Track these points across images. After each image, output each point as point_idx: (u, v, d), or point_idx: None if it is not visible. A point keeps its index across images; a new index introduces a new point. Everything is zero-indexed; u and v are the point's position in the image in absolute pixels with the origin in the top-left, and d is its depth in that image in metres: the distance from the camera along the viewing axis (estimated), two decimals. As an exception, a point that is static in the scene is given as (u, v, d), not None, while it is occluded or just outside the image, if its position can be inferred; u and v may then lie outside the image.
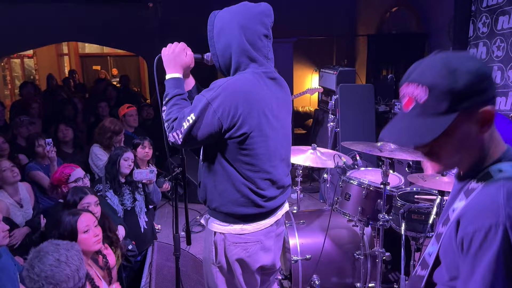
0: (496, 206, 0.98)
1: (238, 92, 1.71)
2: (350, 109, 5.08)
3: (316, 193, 5.50)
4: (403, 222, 2.61)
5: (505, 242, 0.95)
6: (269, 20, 1.83)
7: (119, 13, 7.59)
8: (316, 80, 6.75)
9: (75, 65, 12.10)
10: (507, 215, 0.96)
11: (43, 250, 1.77)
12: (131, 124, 4.89)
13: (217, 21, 1.81)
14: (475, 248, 0.99)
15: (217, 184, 1.85)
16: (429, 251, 1.22)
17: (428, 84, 1.01)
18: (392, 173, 3.20)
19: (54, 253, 1.75)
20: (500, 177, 1.04)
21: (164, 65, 1.87)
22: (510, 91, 4.10)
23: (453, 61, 1.02)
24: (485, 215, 0.99)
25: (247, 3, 1.83)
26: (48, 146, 3.62)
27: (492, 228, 0.96)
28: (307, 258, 2.95)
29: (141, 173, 3.36)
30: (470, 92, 0.99)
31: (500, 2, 4.22)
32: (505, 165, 1.06)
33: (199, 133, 1.71)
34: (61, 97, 6.94)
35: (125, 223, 3.24)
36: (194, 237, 4.37)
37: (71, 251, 1.79)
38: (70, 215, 2.31)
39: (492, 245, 0.96)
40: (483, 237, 0.97)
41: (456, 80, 0.99)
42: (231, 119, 1.70)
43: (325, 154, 3.23)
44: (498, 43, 4.26)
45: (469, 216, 1.03)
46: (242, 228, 1.87)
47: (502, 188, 1.00)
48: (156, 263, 2.96)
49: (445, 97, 1.00)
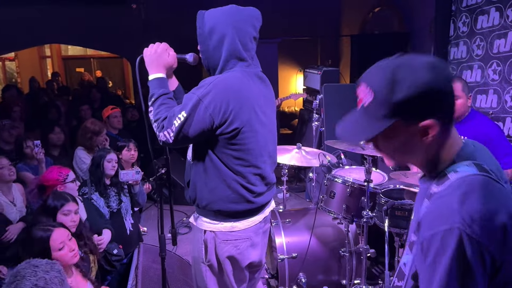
0: (450, 211, 0.98)
1: (228, 89, 1.73)
2: (334, 109, 5.12)
3: (302, 193, 5.54)
4: (386, 218, 2.65)
5: (459, 247, 0.96)
6: (258, 24, 1.88)
7: (102, 15, 7.53)
8: (300, 80, 6.80)
9: (58, 68, 11.95)
10: (460, 220, 0.96)
11: (20, 274, 1.63)
12: (115, 125, 4.85)
13: (207, 20, 1.82)
14: (432, 254, 0.99)
15: (208, 182, 1.86)
16: (404, 261, 1.21)
17: (374, 87, 1.05)
18: (375, 171, 3.24)
19: (31, 277, 1.61)
20: (456, 178, 1.04)
21: (147, 65, 1.87)
22: (490, 89, 4.18)
23: (402, 71, 1.02)
24: (441, 220, 0.99)
25: (236, 6, 1.86)
26: (37, 148, 3.61)
27: (447, 233, 0.97)
28: (293, 256, 2.97)
29: (127, 174, 3.35)
30: (407, 106, 1.01)
31: (479, 2, 4.31)
32: (459, 165, 1.07)
33: (191, 130, 1.72)
34: (43, 100, 6.85)
35: (111, 225, 3.22)
36: (180, 239, 4.40)
37: (50, 273, 1.65)
38: (41, 230, 2.18)
39: (447, 250, 0.96)
40: (439, 242, 0.98)
41: (394, 92, 1.01)
42: (223, 114, 1.72)
43: (310, 153, 3.26)
44: (478, 42, 4.35)
45: (426, 221, 1.03)
46: (233, 225, 1.89)
47: (457, 191, 1.01)
48: (142, 265, 2.95)
49: (383, 105, 1.03)
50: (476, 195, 0.99)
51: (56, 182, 3.00)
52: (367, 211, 2.74)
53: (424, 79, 1.01)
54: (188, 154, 2.04)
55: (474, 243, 0.95)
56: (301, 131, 6.08)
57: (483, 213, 0.96)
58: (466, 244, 0.95)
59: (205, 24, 1.81)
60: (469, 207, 0.97)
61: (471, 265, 0.96)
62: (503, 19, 3.97)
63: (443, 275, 0.97)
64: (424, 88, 1.00)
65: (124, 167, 3.86)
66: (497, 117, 4.01)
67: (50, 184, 3.01)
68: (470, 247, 0.95)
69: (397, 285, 1.22)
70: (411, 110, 1.02)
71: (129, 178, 3.34)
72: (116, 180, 3.39)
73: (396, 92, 1.01)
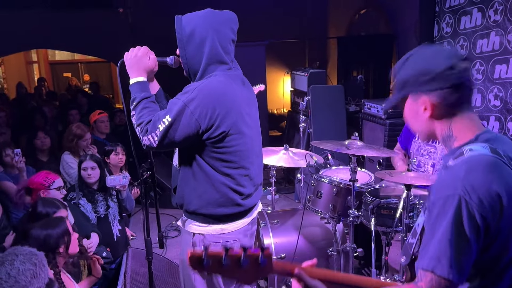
0: (455, 179, 1.13)
1: (214, 94, 1.74)
2: (321, 110, 5.16)
3: (291, 194, 5.56)
4: (372, 217, 2.68)
5: (458, 212, 1.10)
6: (236, 27, 1.89)
7: (89, 19, 7.49)
8: (288, 82, 6.83)
9: (45, 73, 11.85)
10: (462, 187, 1.10)
11: (2, 258, 1.72)
12: (103, 130, 4.83)
13: (185, 24, 1.81)
14: (435, 216, 1.14)
15: (196, 187, 1.87)
16: (418, 222, 1.38)
17: (396, 68, 1.32)
18: (361, 170, 3.28)
19: (7, 265, 1.68)
20: (469, 156, 1.18)
21: (127, 69, 1.87)
22: (474, 88, 4.24)
23: (417, 56, 1.28)
24: (446, 187, 1.14)
25: (213, 10, 1.86)
26: (17, 156, 3.55)
27: (449, 198, 1.11)
28: (282, 257, 2.99)
29: (114, 179, 3.33)
30: (411, 82, 1.26)
31: (462, 3, 4.38)
32: (476, 145, 1.20)
33: (176, 135, 1.73)
34: (31, 105, 6.80)
35: (98, 231, 3.20)
36: (170, 242, 4.40)
37: (25, 265, 1.70)
38: (59, 223, 2.32)
39: (447, 213, 1.11)
40: (441, 206, 1.13)
41: (404, 71, 1.28)
42: (209, 119, 1.73)
43: (297, 154, 3.29)
44: (462, 42, 4.41)
45: (434, 188, 1.19)
46: (222, 227, 1.90)
47: (465, 165, 1.15)
48: (130, 269, 2.94)
49: (397, 82, 1.30)
50: (481, 170, 1.13)
51: (40, 186, 2.97)
52: (353, 210, 2.76)
53: (429, 62, 1.24)
54: (174, 159, 2.04)
55: (471, 210, 1.09)
56: (290, 133, 6.11)
57: (482, 184, 1.11)
58: (463, 210, 1.09)
59: (183, 28, 1.81)
60: (471, 178, 1.11)
61: (466, 229, 1.10)
62: (485, 19, 4.04)
63: (440, 235, 1.12)
64: (422, 69, 1.24)
65: (113, 171, 3.84)
66: (481, 116, 4.07)
67: (34, 187, 2.99)
68: (467, 213, 1.09)
69: (411, 242, 1.39)
70: (414, 86, 1.25)
71: (116, 183, 3.32)
72: (103, 185, 3.37)
73: (401, 72, 1.29)
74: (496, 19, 3.90)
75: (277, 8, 7.38)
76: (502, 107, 3.89)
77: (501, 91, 3.89)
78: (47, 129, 5.48)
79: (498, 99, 3.92)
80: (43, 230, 2.24)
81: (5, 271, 1.66)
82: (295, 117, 5.88)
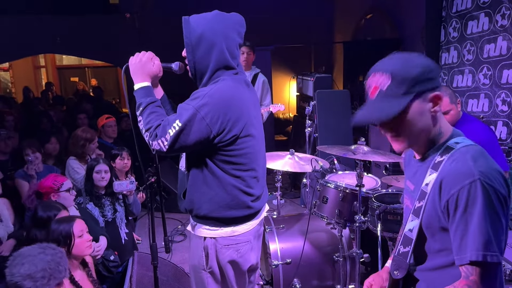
0: (468, 168, 1.19)
1: (224, 98, 1.75)
2: (327, 115, 5.15)
3: (297, 199, 5.54)
4: (379, 223, 2.66)
5: (486, 194, 1.15)
6: (243, 30, 1.89)
7: (96, 24, 7.56)
8: (294, 87, 6.83)
9: (52, 77, 11.95)
10: (478, 173, 1.17)
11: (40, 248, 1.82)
12: (110, 135, 4.86)
13: (194, 27, 1.80)
14: (463, 205, 1.17)
15: (207, 191, 1.86)
16: (409, 227, 1.35)
17: (390, 71, 1.24)
18: (367, 175, 3.26)
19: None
20: (459, 147, 1.26)
21: (132, 74, 1.87)
22: (481, 93, 4.22)
23: (408, 57, 1.27)
24: (463, 176, 1.18)
25: (221, 12, 1.86)
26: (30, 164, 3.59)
27: (472, 184, 1.16)
28: (288, 262, 2.98)
29: (121, 184, 3.35)
30: (422, 79, 1.23)
31: (469, 8, 4.37)
32: (458, 139, 1.30)
33: (187, 140, 1.72)
34: (38, 109, 6.85)
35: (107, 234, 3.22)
36: (175, 247, 4.39)
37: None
38: (63, 222, 2.38)
39: (476, 199, 1.15)
40: (467, 193, 1.16)
41: (411, 70, 1.23)
42: (220, 124, 1.74)
43: (303, 159, 3.28)
44: (468, 47, 4.40)
45: (449, 181, 1.21)
46: (233, 229, 1.90)
47: (467, 155, 1.22)
48: (136, 273, 2.94)
49: (403, 82, 1.22)
50: (482, 157, 1.22)
51: (50, 190, 3.00)
52: (360, 216, 2.75)
53: (424, 60, 1.26)
54: (181, 163, 2.04)
55: (493, 190, 1.16)
56: (296, 138, 6.10)
57: (489, 166, 1.20)
58: (490, 191, 1.15)
59: (192, 32, 1.80)
60: (479, 164, 1.19)
61: (498, 209, 1.16)
62: (492, 24, 4.03)
63: (478, 223, 1.15)
64: (427, 65, 1.25)
65: (118, 176, 3.86)
66: (488, 121, 4.05)
67: (44, 191, 3.01)
68: (494, 193, 1.16)
69: (403, 252, 1.36)
70: (425, 82, 1.24)
71: (123, 188, 3.35)
72: (110, 190, 3.40)
73: (413, 70, 1.23)
74: (504, 23, 3.88)
75: (283, 13, 7.40)
76: (510, 112, 3.86)
77: (509, 96, 3.86)
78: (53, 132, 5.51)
79: (506, 104, 3.90)
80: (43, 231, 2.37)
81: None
82: (301, 122, 5.88)
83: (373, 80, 1.27)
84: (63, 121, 6.18)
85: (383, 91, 1.24)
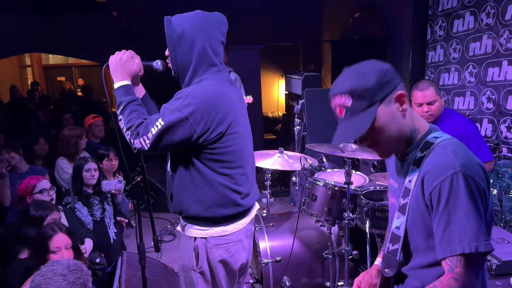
0: (450, 160, 1.21)
1: (207, 98, 1.73)
2: (316, 113, 5.17)
3: (286, 197, 5.56)
4: (367, 219, 2.68)
5: (467, 184, 1.18)
6: (225, 28, 1.89)
7: (83, 23, 7.48)
8: (283, 86, 6.84)
9: (38, 77, 11.80)
10: (459, 165, 1.19)
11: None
12: (97, 134, 4.82)
13: (175, 26, 1.80)
14: (445, 196, 1.19)
15: (195, 191, 1.85)
16: (396, 225, 1.37)
17: (348, 90, 1.26)
18: (356, 173, 3.28)
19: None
20: (439, 141, 1.29)
21: (111, 73, 1.86)
22: (467, 91, 4.28)
23: (359, 68, 1.29)
24: (445, 168, 1.21)
25: (203, 11, 1.85)
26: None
27: (454, 176, 1.19)
28: (277, 260, 2.98)
29: (110, 183, 3.34)
30: (380, 85, 1.25)
31: (455, 6, 4.42)
32: (436, 133, 1.33)
33: (171, 139, 1.71)
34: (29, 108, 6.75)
35: (95, 234, 3.20)
36: (165, 246, 4.37)
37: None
38: (50, 229, 2.35)
39: (459, 188, 1.18)
40: (449, 185, 1.19)
41: (366, 81, 1.25)
42: (204, 124, 1.72)
43: (292, 157, 3.29)
44: (454, 45, 4.45)
45: (431, 174, 1.24)
46: (223, 229, 1.89)
47: (448, 148, 1.25)
48: (125, 273, 2.92)
49: (364, 96, 1.25)
50: (461, 150, 1.25)
51: (24, 192, 3.02)
52: (348, 213, 2.77)
53: (376, 65, 1.28)
54: (168, 165, 2.03)
55: (473, 181, 1.19)
56: (285, 136, 6.11)
57: (468, 159, 1.23)
58: (471, 182, 1.18)
59: (173, 30, 1.80)
60: (459, 157, 1.22)
61: (478, 200, 1.19)
62: (477, 22, 4.08)
63: (465, 214, 1.17)
64: (381, 69, 1.27)
65: (106, 176, 3.84)
66: (474, 119, 4.10)
67: (20, 194, 3.04)
68: (474, 184, 1.18)
69: (392, 249, 1.37)
70: (384, 86, 1.25)
71: (111, 188, 3.33)
72: (99, 189, 3.38)
73: (369, 80, 1.25)
74: (489, 22, 3.94)
75: (272, 12, 7.40)
76: (495, 110, 3.92)
77: (494, 94, 3.92)
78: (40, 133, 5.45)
79: (491, 101, 3.95)
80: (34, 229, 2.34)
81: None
82: (289, 121, 5.90)
83: (336, 103, 1.29)
84: (51, 121, 6.11)
85: (348, 108, 1.26)
